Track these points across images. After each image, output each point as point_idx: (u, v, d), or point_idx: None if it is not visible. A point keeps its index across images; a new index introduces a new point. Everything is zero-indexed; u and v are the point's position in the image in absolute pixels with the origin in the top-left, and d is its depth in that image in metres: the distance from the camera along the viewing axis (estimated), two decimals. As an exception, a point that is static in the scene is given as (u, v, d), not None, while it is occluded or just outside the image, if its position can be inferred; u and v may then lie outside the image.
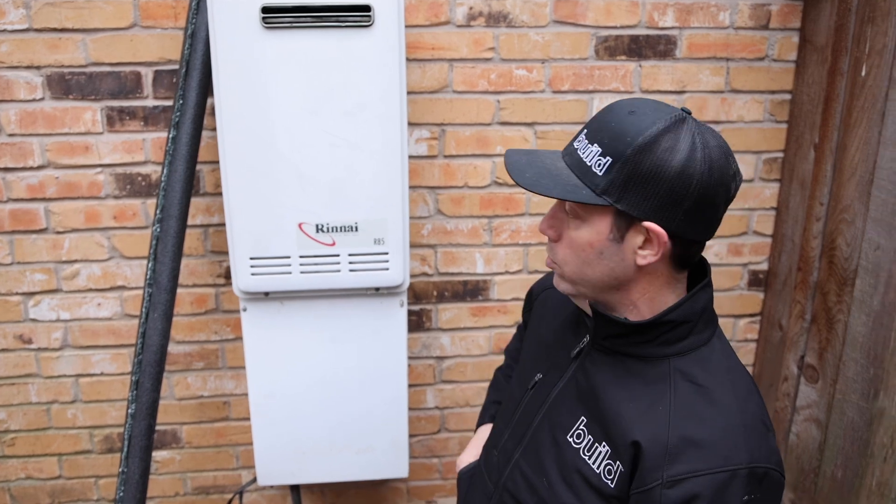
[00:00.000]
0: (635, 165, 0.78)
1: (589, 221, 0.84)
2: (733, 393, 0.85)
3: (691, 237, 0.82)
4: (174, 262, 1.53)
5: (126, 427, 1.54)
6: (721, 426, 0.82)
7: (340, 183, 1.44)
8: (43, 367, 1.74)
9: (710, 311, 0.90)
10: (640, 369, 0.88)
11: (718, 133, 0.82)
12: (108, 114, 1.58)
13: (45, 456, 1.81)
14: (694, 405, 0.84)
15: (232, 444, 1.85)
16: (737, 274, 1.83)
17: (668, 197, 0.79)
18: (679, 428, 0.83)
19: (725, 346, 0.91)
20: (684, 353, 0.87)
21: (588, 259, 0.86)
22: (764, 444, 0.83)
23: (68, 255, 1.67)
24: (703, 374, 0.86)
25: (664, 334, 0.87)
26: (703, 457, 0.81)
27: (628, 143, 0.78)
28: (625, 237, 0.83)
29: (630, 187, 0.79)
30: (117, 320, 1.72)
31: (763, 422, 0.86)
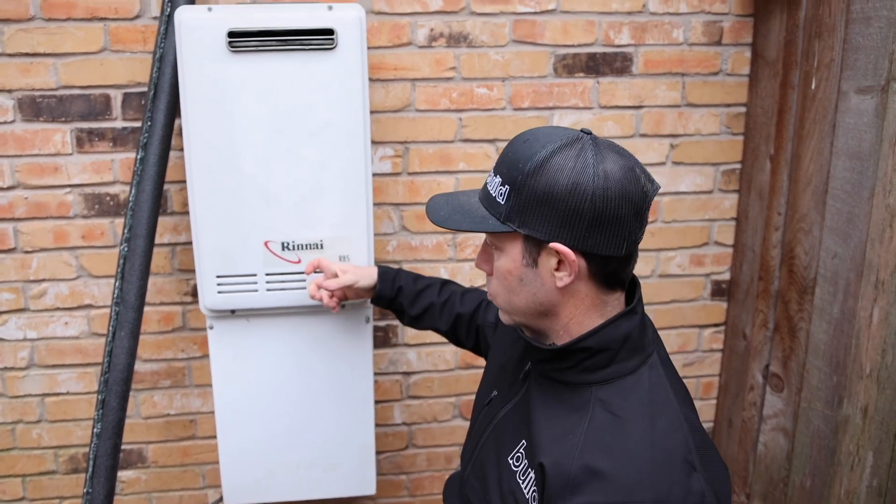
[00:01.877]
0: (530, 189, 0.87)
1: (505, 250, 0.94)
2: (650, 426, 0.89)
3: (604, 253, 0.88)
4: (141, 281, 1.68)
5: (91, 446, 1.68)
6: (628, 459, 0.86)
7: (305, 201, 1.60)
8: (8, 387, 1.88)
9: (637, 339, 0.94)
10: (566, 396, 0.95)
11: (622, 148, 0.92)
12: (78, 135, 1.74)
13: (9, 477, 1.94)
14: (605, 435, 0.88)
15: (198, 463, 1.99)
16: (699, 284, 2.01)
17: (566, 215, 0.86)
18: (584, 457, 0.87)
19: (657, 379, 0.94)
20: (607, 381, 0.92)
21: (512, 287, 0.95)
22: (677, 483, 0.86)
23: (36, 275, 1.82)
24: (621, 404, 0.90)
25: (583, 361, 0.93)
26: (604, 489, 0.85)
27: (520, 168, 0.88)
28: (538, 261, 0.91)
29: (529, 211, 0.88)
30: (84, 339, 1.87)
31: (684, 460, 0.88)
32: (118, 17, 1.68)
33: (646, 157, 1.89)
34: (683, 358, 2.05)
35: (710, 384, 2.09)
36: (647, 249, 1.96)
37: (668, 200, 1.94)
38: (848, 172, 1.59)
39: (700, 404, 2.10)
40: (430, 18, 1.76)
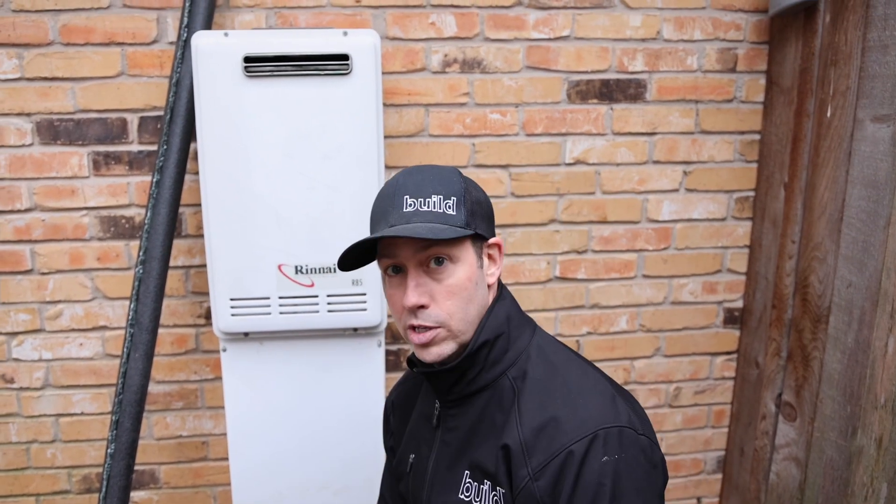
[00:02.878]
0: (471, 196, 1.00)
1: (462, 259, 0.99)
2: (565, 374, 1.00)
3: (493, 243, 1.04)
4: (156, 303, 1.66)
5: (105, 467, 1.65)
6: (560, 405, 0.96)
7: (319, 225, 1.58)
8: (24, 407, 1.86)
9: (517, 316, 1.06)
10: (489, 398, 1.02)
11: None
12: (95, 158, 1.73)
13: (23, 496, 1.92)
14: (534, 398, 0.98)
15: (210, 485, 1.95)
16: (712, 312, 1.96)
17: (489, 214, 1.04)
18: (527, 423, 0.96)
19: (551, 341, 1.06)
20: (514, 362, 1.02)
21: (470, 295, 1.00)
22: (609, 407, 0.96)
23: (52, 296, 1.80)
24: (534, 370, 1.01)
25: (489, 355, 1.01)
26: (554, 438, 0.93)
27: (455, 181, 1.00)
28: (482, 260, 1.03)
29: (476, 214, 1.01)
30: (98, 360, 1.84)
31: (606, 388, 1.00)
32: (135, 42, 1.67)
33: (659, 183, 1.86)
34: (695, 385, 2.01)
35: (722, 412, 2.04)
36: (660, 276, 1.92)
37: (681, 227, 1.90)
38: (863, 201, 1.55)
39: (711, 432, 2.05)
40: (445, 44, 1.73)
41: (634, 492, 0.92)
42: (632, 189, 1.86)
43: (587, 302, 1.91)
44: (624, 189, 1.86)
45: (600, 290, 1.91)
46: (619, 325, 1.93)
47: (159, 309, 1.65)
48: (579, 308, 1.91)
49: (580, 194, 1.85)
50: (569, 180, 1.83)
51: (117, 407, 1.65)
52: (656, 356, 1.97)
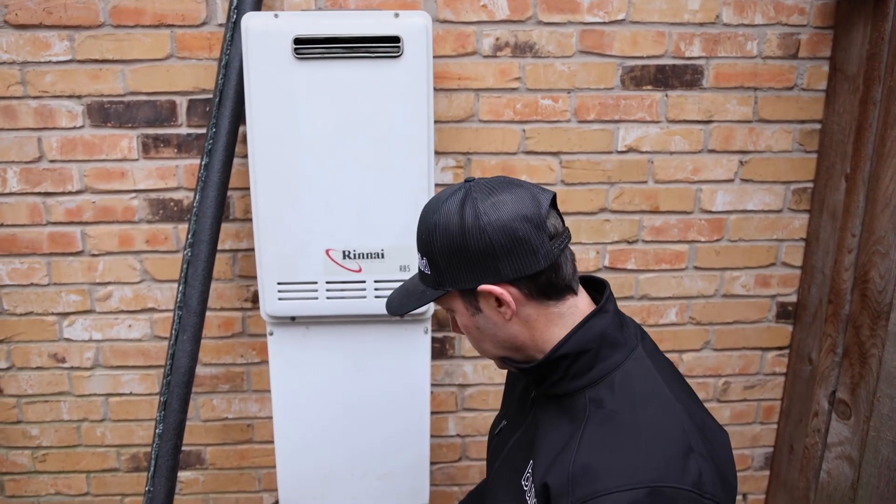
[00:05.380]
0: (438, 252, 0.91)
1: (455, 309, 0.96)
2: (640, 413, 0.88)
3: (526, 273, 0.88)
4: (204, 286, 1.59)
5: (153, 447, 1.60)
6: (622, 447, 0.85)
7: (367, 210, 1.50)
8: (75, 386, 1.82)
9: (614, 335, 0.93)
10: (567, 406, 0.94)
11: (502, 177, 0.92)
12: (144, 141, 1.67)
13: (74, 473, 1.88)
14: (600, 432, 0.87)
15: (255, 467, 1.90)
16: (764, 306, 1.84)
17: (475, 258, 0.88)
18: (583, 456, 0.86)
19: (643, 369, 0.93)
20: (596, 381, 0.92)
21: (476, 337, 0.98)
22: (675, 464, 0.83)
23: (102, 278, 1.75)
24: (610, 399, 0.89)
25: (569, 368, 0.92)
26: (603, 479, 0.83)
27: (425, 238, 0.93)
28: (480, 307, 0.93)
29: (449, 269, 0.91)
30: (147, 342, 1.79)
31: (680, 440, 0.85)
32: (185, 23, 1.60)
33: (713, 173, 1.73)
34: (745, 381, 1.89)
35: (772, 408, 1.92)
36: (712, 268, 1.80)
37: (735, 219, 1.77)
38: (935, 194, 1.42)
39: (759, 429, 1.93)
40: (496, 27, 1.63)
41: None
42: (685, 178, 1.74)
43: (636, 293, 1.80)
44: (677, 178, 1.74)
45: (650, 282, 1.80)
46: (669, 318, 1.82)
47: (207, 292, 1.58)
48: (628, 299, 1.80)
49: (632, 183, 1.73)
50: (620, 168, 1.72)
51: (165, 388, 1.60)
52: (705, 349, 1.86)
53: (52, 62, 1.61)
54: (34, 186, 1.69)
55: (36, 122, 1.64)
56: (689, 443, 0.86)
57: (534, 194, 0.90)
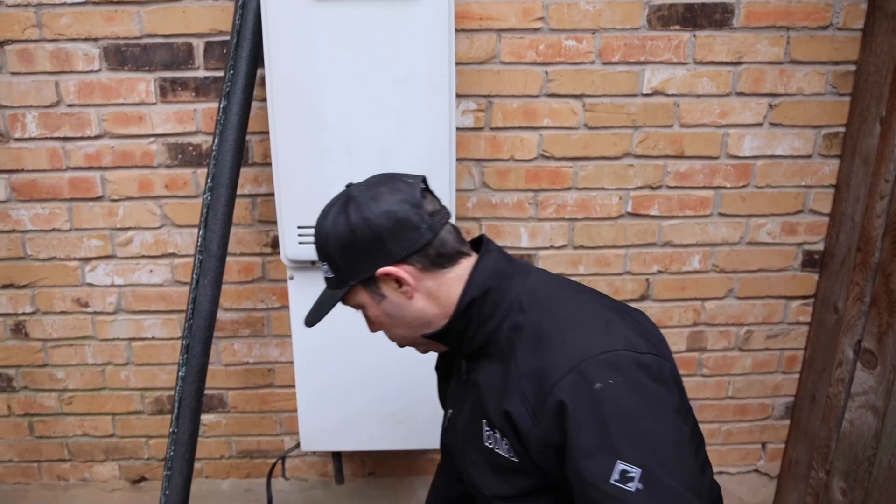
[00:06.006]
0: (333, 252, 1.00)
1: (363, 303, 1.04)
2: (556, 313, 0.97)
3: (414, 249, 0.98)
4: (224, 230, 1.61)
5: (176, 389, 1.64)
6: (549, 347, 0.94)
7: (387, 153, 1.50)
8: (98, 330, 1.86)
9: (505, 267, 1.03)
10: (494, 351, 1.02)
11: (371, 178, 1.04)
12: (161, 84, 1.67)
13: (100, 415, 1.94)
14: (527, 348, 0.96)
15: (275, 411, 1.95)
16: (790, 254, 1.82)
17: (366, 248, 0.97)
18: (524, 369, 0.95)
19: (543, 282, 1.03)
20: (507, 313, 1.00)
21: (388, 324, 1.05)
22: (600, 335, 0.93)
23: (122, 223, 1.77)
24: (525, 317, 0.98)
25: (481, 310, 1.00)
26: (544, 380, 0.92)
27: (321, 244, 1.01)
28: (383, 292, 1.01)
29: (346, 265, 1.00)
30: (168, 287, 1.82)
31: (600, 315, 0.97)
32: (202, -38, 1.58)
33: (741, 117, 1.70)
34: (767, 329, 1.89)
35: (794, 358, 1.92)
36: (737, 215, 1.78)
37: (763, 164, 1.75)
38: (974, 137, 1.39)
39: (781, 378, 1.94)
40: (519, -35, 1.60)
41: (640, 412, 0.88)
42: (712, 122, 1.71)
43: (659, 240, 1.80)
44: (704, 122, 1.71)
45: (673, 228, 1.79)
46: (692, 265, 1.82)
47: (227, 236, 1.60)
48: (650, 246, 1.80)
49: (657, 127, 1.71)
50: (645, 112, 1.70)
51: (187, 332, 1.63)
52: (728, 298, 1.85)
53: (66, 4, 1.60)
54: (53, 131, 1.70)
55: (53, 65, 1.65)
56: (606, 317, 0.97)
57: (407, 181, 1.01)
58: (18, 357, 1.89)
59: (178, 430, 1.67)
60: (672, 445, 0.88)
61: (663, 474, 0.85)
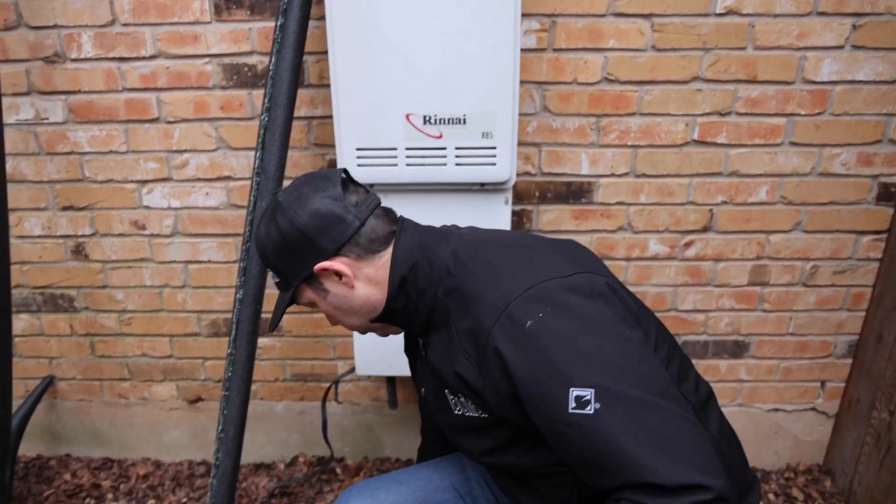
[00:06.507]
0: (272, 259, 1.04)
1: (312, 301, 1.08)
2: (476, 270, 0.99)
3: (345, 239, 1.01)
4: (281, 152, 1.61)
5: (234, 311, 1.67)
6: (477, 301, 0.95)
7: (449, 73, 1.46)
8: (155, 253, 1.90)
9: (424, 239, 1.05)
10: (437, 322, 1.04)
11: (296, 181, 1.06)
12: (216, 2, 1.65)
13: (158, 336, 2.00)
14: (459, 308, 0.99)
15: (329, 336, 1.98)
16: (864, 186, 1.75)
17: (298, 248, 1.01)
18: (461, 334, 0.97)
19: (462, 241, 1.05)
20: (438, 281, 1.02)
21: (339, 316, 1.09)
22: (520, 274, 0.95)
23: (178, 145, 1.78)
24: (453, 280, 1.01)
25: (415, 284, 1.03)
26: (480, 334, 0.94)
27: (261, 254, 1.06)
28: (325, 286, 1.05)
29: (286, 268, 1.04)
30: (223, 210, 1.84)
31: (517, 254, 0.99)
32: None
33: (821, 39, 1.62)
34: (835, 265, 1.84)
35: (861, 295, 1.87)
36: (810, 144, 1.72)
37: (841, 90, 1.67)
38: None
39: (846, 315, 1.89)
40: None
41: (577, 333, 0.88)
42: (789, 45, 1.63)
43: (725, 169, 1.75)
44: (780, 44, 1.63)
45: (741, 157, 1.74)
46: (758, 196, 1.77)
47: (284, 158, 1.60)
48: (716, 175, 1.75)
49: (729, 49, 1.64)
50: (717, 33, 1.62)
51: (244, 254, 1.65)
52: (795, 231, 1.80)
53: (122, -85, 1.58)
54: (108, 51, 1.70)
55: (107, -19, 1.64)
56: (526, 255, 0.99)
57: (328, 177, 1.04)
58: (79, 278, 1.94)
59: (235, 351, 1.71)
60: (621, 355, 0.88)
61: (618, 386, 0.85)
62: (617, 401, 0.83)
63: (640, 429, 0.82)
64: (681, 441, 0.82)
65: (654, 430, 0.82)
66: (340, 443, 2.08)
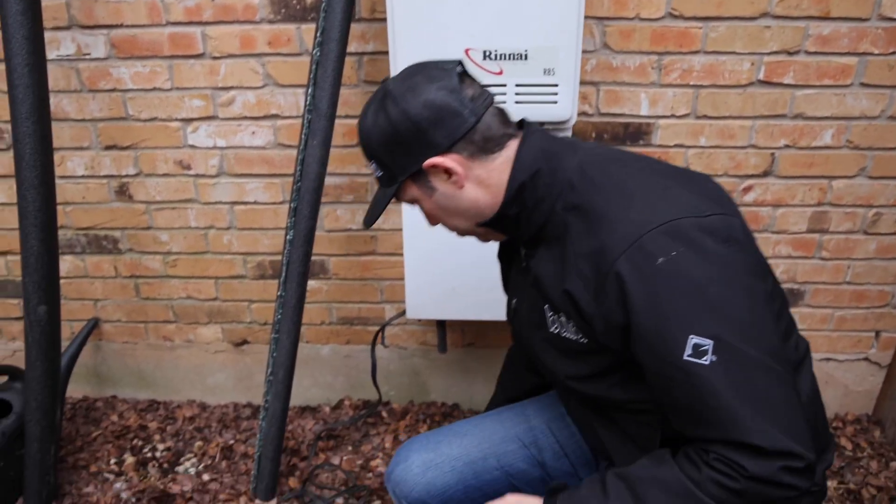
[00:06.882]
0: (378, 149, 0.99)
1: (417, 198, 1.04)
2: (607, 189, 0.94)
3: (460, 135, 0.95)
4: (334, 88, 1.57)
5: (284, 253, 1.67)
6: (604, 224, 0.90)
7: (511, 6, 1.41)
8: (201, 193, 1.88)
9: (551, 147, 0.99)
10: (551, 234, 0.99)
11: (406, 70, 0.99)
12: (264, -71, 1.59)
13: (203, 278, 2.00)
14: (582, 227, 0.94)
15: (377, 279, 1.97)
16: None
17: (409, 140, 0.95)
18: (580, 254, 0.92)
19: (591, 155, 0.99)
20: (559, 193, 0.97)
21: (444, 217, 1.05)
22: (658, 204, 0.89)
23: (224, 82, 1.75)
24: (577, 195, 0.95)
25: (533, 193, 0.98)
26: (602, 260, 0.89)
27: (365, 144, 1.01)
28: (433, 185, 1.00)
29: (393, 161, 0.99)
30: (270, 149, 1.81)
31: (655, 183, 0.93)
32: None
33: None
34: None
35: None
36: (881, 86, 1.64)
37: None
38: None
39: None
40: None
41: (708, 281, 0.84)
42: (866, -23, 1.57)
43: (790, 111, 1.69)
44: (856, -23, 1.57)
45: (808, 99, 1.68)
46: (823, 140, 1.72)
47: (337, 94, 1.56)
48: (780, 118, 1.70)
49: (802, -17, 1.57)
50: (791, -35, 1.56)
51: (295, 195, 1.63)
52: (859, 177, 1.75)
53: None
54: (151, -17, 1.66)
55: None
56: (663, 184, 0.93)
57: (443, 67, 0.97)
58: (123, 219, 1.93)
59: (285, 293, 1.71)
60: (746, 310, 0.85)
61: (738, 342, 0.83)
62: (734, 357, 0.82)
63: (749, 388, 0.82)
64: (783, 407, 0.83)
65: (761, 391, 0.83)
66: (386, 386, 2.10)
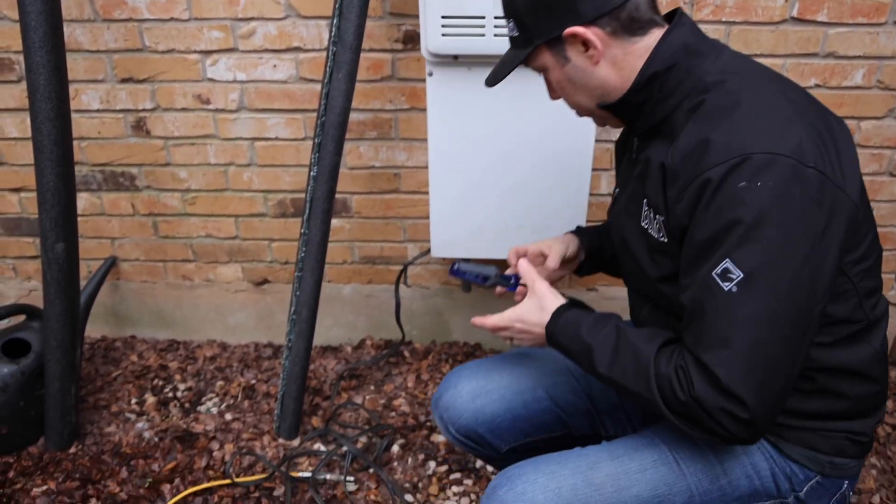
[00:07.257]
0: (521, 7, 0.97)
1: (547, 66, 1.02)
2: (733, 96, 0.91)
3: (608, 9, 0.92)
4: (360, 19, 1.54)
5: (307, 190, 1.66)
6: (718, 129, 0.89)
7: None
8: (220, 129, 1.86)
9: (695, 44, 0.96)
10: (668, 130, 0.97)
11: None
12: None
13: (223, 216, 1.99)
14: (697, 124, 0.92)
15: (400, 217, 1.97)
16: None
17: (556, 3, 0.93)
18: (681, 146, 0.92)
19: (733, 62, 0.96)
20: (688, 94, 0.95)
21: (569, 90, 1.03)
22: (774, 132, 0.87)
23: (244, 13, 1.71)
24: (708, 97, 0.93)
25: (662, 87, 0.96)
26: (698, 161, 0.88)
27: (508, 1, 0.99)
28: (568, 55, 0.98)
29: (533, 23, 0.97)
30: (292, 83, 1.79)
31: (783, 110, 0.89)
32: None
33: None
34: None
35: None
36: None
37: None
38: None
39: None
40: None
41: (772, 222, 0.84)
42: None
43: (822, 50, 1.67)
44: None
45: (840, 37, 1.66)
46: (854, 80, 1.70)
47: (363, 26, 1.53)
48: (811, 56, 1.68)
49: (843, -86, 1.54)
50: None
51: (319, 129, 1.61)
52: (888, 118, 1.75)
53: None
54: None
55: None
56: (787, 115, 0.89)
57: None
58: (140, 155, 1.91)
59: (309, 231, 1.71)
60: (791, 270, 0.85)
61: (766, 290, 0.84)
62: (754, 299, 0.84)
63: (748, 331, 0.85)
64: (769, 363, 0.86)
65: (758, 341, 0.85)
66: (408, 326, 2.12)
